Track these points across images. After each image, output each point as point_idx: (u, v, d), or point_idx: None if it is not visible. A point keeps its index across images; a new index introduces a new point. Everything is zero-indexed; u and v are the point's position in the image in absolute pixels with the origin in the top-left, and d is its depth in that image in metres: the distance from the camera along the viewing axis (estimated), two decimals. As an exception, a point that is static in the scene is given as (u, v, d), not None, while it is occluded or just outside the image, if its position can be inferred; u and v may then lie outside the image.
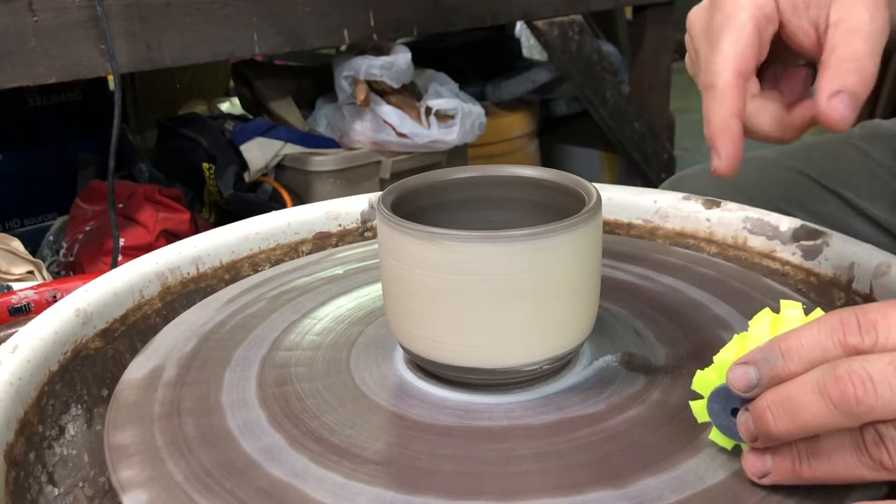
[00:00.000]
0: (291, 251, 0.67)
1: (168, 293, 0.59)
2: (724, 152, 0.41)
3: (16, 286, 1.00)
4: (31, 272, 1.16)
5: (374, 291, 0.56)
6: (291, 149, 1.58)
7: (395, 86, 1.54)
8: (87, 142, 1.74)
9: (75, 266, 1.36)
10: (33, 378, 0.46)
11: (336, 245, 0.69)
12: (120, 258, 1.25)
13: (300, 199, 1.58)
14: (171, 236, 1.38)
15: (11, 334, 0.49)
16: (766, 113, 0.43)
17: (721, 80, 0.42)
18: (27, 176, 1.70)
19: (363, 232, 0.70)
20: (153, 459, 0.39)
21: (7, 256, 1.14)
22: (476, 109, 1.61)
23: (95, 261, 1.33)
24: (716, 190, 0.77)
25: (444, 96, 1.61)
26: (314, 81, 1.73)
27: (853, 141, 0.85)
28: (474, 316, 0.41)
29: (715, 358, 0.37)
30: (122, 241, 1.29)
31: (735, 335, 0.37)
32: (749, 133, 0.44)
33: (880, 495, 0.35)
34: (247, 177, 1.57)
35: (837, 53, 0.40)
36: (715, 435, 0.37)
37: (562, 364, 0.45)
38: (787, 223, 0.62)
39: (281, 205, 1.53)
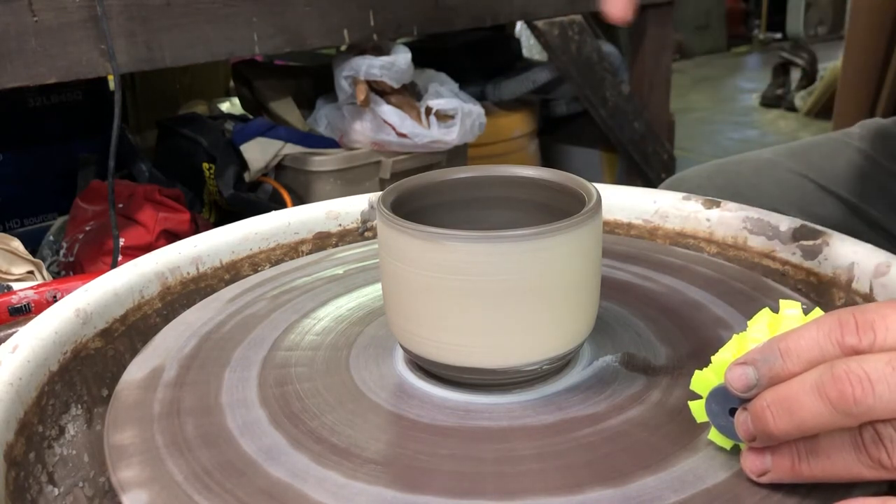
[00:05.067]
0: (291, 251, 0.67)
1: (168, 293, 0.59)
2: None
3: (16, 286, 1.00)
4: (31, 272, 1.16)
5: (374, 291, 0.56)
6: (291, 149, 1.58)
7: (395, 86, 1.54)
8: (87, 142, 1.74)
9: (75, 266, 1.36)
10: (33, 378, 0.46)
11: (336, 245, 0.69)
12: (120, 258, 1.25)
13: (300, 199, 1.58)
14: (171, 236, 1.38)
15: (11, 334, 0.49)
16: None
17: None
18: (27, 176, 1.70)
19: (363, 232, 0.70)
20: (153, 459, 0.39)
21: (7, 256, 1.14)
22: (476, 109, 1.61)
23: (95, 261, 1.33)
24: (714, 191, 0.77)
25: (444, 96, 1.61)
26: (314, 81, 1.73)
27: (852, 141, 0.85)
28: (474, 316, 0.41)
29: (713, 358, 0.37)
30: (122, 241, 1.29)
31: (734, 335, 0.38)
32: None
33: (881, 493, 0.35)
34: (247, 177, 1.57)
35: None
36: (714, 435, 0.38)
37: (562, 364, 0.45)
38: (786, 223, 0.62)
39: (281, 205, 1.53)
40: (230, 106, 2.21)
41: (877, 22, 2.14)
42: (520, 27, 2.79)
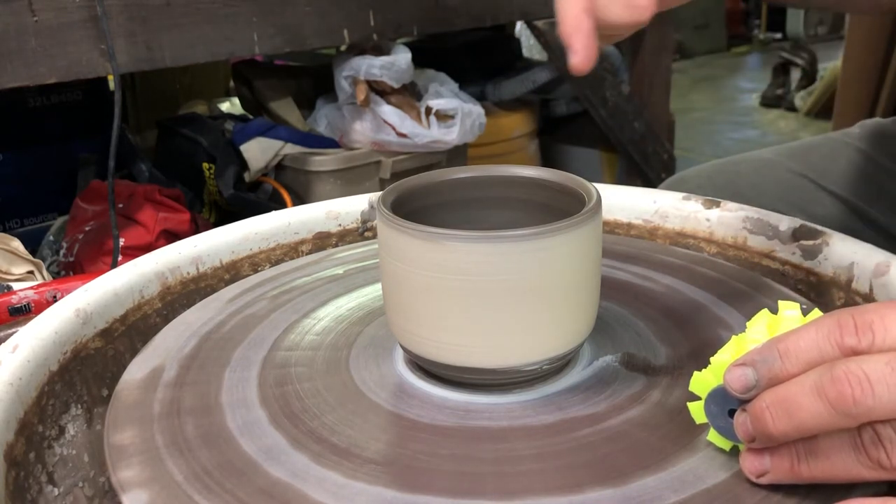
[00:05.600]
0: (291, 251, 0.67)
1: (168, 293, 0.59)
2: (579, 47, 0.42)
3: (16, 286, 1.00)
4: (31, 272, 1.16)
5: (374, 291, 0.56)
6: (291, 149, 1.58)
7: (395, 86, 1.54)
8: (87, 142, 1.74)
9: (75, 266, 1.36)
10: (33, 378, 0.46)
11: (336, 245, 0.69)
12: (120, 258, 1.25)
13: (300, 199, 1.58)
14: (171, 236, 1.38)
15: (11, 334, 0.49)
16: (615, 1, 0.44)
17: None
18: (27, 176, 1.70)
19: (363, 232, 0.70)
20: (153, 459, 0.39)
21: (7, 256, 1.14)
22: (476, 109, 1.61)
23: (95, 261, 1.33)
24: (714, 192, 0.77)
25: (444, 96, 1.60)
26: (314, 81, 1.73)
27: (852, 141, 0.85)
28: (474, 316, 0.41)
29: (712, 359, 0.37)
30: (122, 241, 1.29)
31: (733, 336, 0.38)
32: (604, 26, 0.44)
33: (881, 494, 0.35)
34: (247, 177, 1.57)
35: None
36: (713, 436, 0.37)
37: (562, 364, 0.45)
38: (786, 223, 0.62)
39: (281, 205, 1.53)
40: (230, 106, 2.21)
41: (877, 22, 2.14)
42: (520, 27, 2.79)
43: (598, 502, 0.36)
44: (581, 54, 0.42)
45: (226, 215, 1.62)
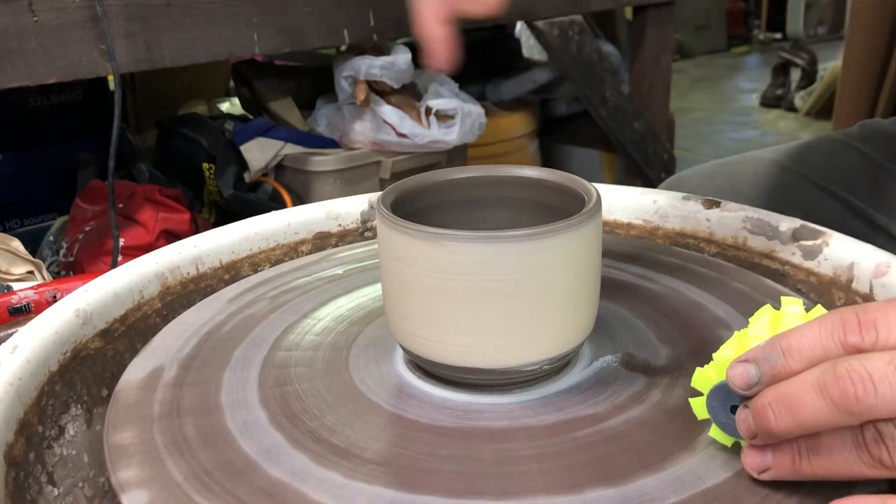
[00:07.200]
0: (291, 251, 0.67)
1: (168, 293, 0.59)
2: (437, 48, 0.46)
3: (16, 286, 0.99)
4: (31, 272, 1.16)
5: (374, 291, 0.56)
6: (291, 149, 1.58)
7: (395, 86, 1.54)
8: (87, 142, 1.74)
9: (75, 266, 1.36)
10: (33, 378, 0.46)
11: (336, 245, 0.69)
12: (120, 258, 1.25)
13: (300, 199, 1.58)
14: (171, 236, 1.38)
15: (11, 334, 0.49)
16: None
17: None
18: (27, 176, 1.70)
19: (363, 232, 0.70)
20: (153, 459, 0.39)
21: (7, 256, 1.14)
22: (476, 109, 1.61)
23: (95, 261, 1.33)
24: (714, 191, 0.77)
25: (444, 96, 1.60)
26: (314, 81, 1.73)
27: (852, 141, 0.85)
28: (474, 316, 0.41)
29: (714, 355, 0.37)
30: (122, 241, 1.29)
31: (735, 332, 0.38)
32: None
33: (882, 492, 0.35)
34: (247, 177, 1.57)
35: None
36: (714, 432, 0.37)
37: (562, 364, 0.45)
38: (786, 223, 0.62)
39: (281, 205, 1.53)
40: (230, 106, 2.21)
41: (877, 22, 2.14)
42: (520, 27, 2.79)
43: (598, 502, 0.35)
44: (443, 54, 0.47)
45: (226, 215, 1.62)
